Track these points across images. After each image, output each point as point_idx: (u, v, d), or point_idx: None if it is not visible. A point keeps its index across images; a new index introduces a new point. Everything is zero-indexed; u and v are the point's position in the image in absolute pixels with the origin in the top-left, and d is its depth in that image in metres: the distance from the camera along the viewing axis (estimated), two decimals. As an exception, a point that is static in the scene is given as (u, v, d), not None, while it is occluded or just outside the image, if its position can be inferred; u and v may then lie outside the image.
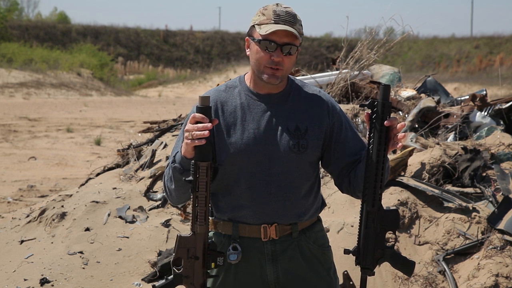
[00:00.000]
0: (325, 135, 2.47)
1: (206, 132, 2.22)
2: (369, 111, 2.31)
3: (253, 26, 2.41)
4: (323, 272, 2.51)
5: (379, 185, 2.32)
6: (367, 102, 2.31)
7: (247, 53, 2.46)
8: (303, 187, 2.46)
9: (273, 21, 2.35)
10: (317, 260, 2.50)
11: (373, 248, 2.36)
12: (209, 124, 2.23)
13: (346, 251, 2.39)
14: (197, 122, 2.24)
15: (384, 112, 2.28)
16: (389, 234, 3.98)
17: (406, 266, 2.43)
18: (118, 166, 6.88)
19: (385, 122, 2.27)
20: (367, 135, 2.32)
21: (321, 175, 5.14)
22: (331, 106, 2.50)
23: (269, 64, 2.37)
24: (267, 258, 2.45)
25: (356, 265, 2.40)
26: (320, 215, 2.61)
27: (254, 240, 2.44)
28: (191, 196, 2.28)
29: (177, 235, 2.31)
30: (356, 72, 6.75)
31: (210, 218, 2.50)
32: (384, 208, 2.37)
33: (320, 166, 2.57)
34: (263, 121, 2.43)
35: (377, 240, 2.36)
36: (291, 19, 2.37)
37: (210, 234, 2.50)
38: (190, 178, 2.25)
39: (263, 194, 2.41)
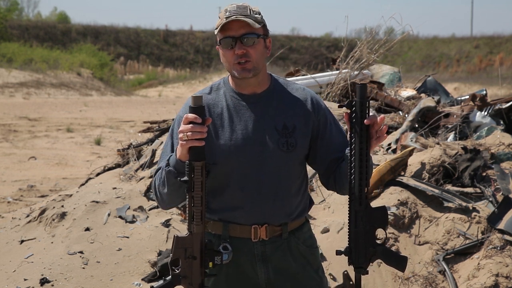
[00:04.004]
0: (312, 132, 2.48)
1: (202, 133, 2.22)
2: (348, 111, 2.31)
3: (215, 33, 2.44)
4: (312, 272, 2.53)
5: (365, 183, 2.33)
6: (344, 103, 2.32)
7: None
8: (293, 185, 2.48)
9: (225, 19, 2.37)
10: (306, 260, 2.52)
11: (365, 246, 2.37)
12: (204, 127, 2.23)
13: (338, 252, 2.39)
14: (190, 123, 2.24)
15: (362, 110, 2.29)
16: (389, 234, 3.99)
17: (399, 261, 2.43)
18: (118, 166, 6.88)
19: (365, 121, 2.27)
20: (348, 135, 2.33)
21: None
22: (316, 103, 2.51)
23: (236, 60, 2.38)
24: (258, 258, 2.46)
25: (349, 265, 2.40)
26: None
27: (244, 240, 2.45)
28: (187, 196, 2.27)
29: (174, 235, 2.30)
30: (356, 72, 6.75)
31: None
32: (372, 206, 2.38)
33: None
34: (251, 121, 2.43)
35: (367, 238, 2.37)
36: (243, 11, 2.38)
37: None
38: (186, 178, 2.25)
39: (253, 194, 2.42)
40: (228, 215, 2.45)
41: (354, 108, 2.30)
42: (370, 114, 2.31)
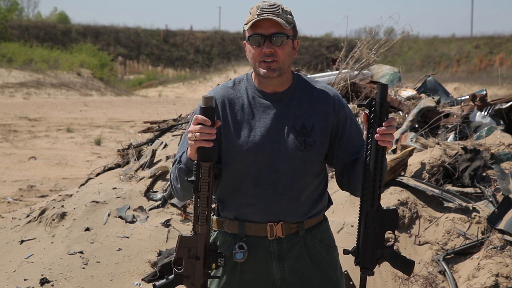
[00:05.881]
0: (331, 131, 2.48)
1: (210, 135, 2.23)
2: (367, 111, 2.30)
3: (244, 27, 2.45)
4: (329, 271, 2.51)
5: (378, 184, 2.32)
6: (365, 102, 2.31)
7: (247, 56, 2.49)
8: (310, 184, 2.47)
9: (256, 16, 2.38)
10: (323, 260, 2.50)
11: (373, 247, 2.36)
12: (213, 128, 2.24)
13: (346, 252, 2.39)
14: (199, 123, 2.25)
15: (382, 112, 2.28)
16: (389, 234, 3.98)
17: (405, 265, 2.43)
18: (118, 166, 6.88)
19: (384, 123, 2.27)
20: (365, 135, 2.32)
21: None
22: (338, 102, 2.50)
23: (262, 58, 2.39)
24: (273, 256, 2.45)
25: (355, 265, 2.39)
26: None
27: (261, 238, 2.44)
28: (193, 196, 2.28)
29: (179, 235, 2.31)
30: (356, 72, 6.75)
31: (216, 217, 2.51)
32: (383, 208, 2.37)
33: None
34: (270, 119, 2.44)
35: (376, 240, 2.36)
36: (275, 10, 2.39)
37: (216, 233, 2.51)
38: (193, 178, 2.26)
39: (269, 192, 2.42)
40: (243, 213, 2.45)
41: (373, 109, 2.28)
42: (389, 116, 2.30)
